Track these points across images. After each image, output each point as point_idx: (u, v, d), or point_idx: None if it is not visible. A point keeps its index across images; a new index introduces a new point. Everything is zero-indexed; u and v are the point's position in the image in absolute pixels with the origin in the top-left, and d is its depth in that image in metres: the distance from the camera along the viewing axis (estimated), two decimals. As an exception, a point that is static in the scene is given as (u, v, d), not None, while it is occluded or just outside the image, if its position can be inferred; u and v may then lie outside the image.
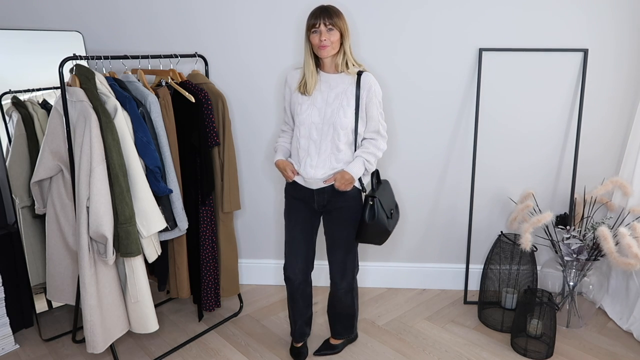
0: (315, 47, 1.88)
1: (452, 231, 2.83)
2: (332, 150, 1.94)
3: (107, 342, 2.04)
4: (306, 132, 1.95)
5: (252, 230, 2.93)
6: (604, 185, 2.45)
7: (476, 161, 2.66)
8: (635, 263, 2.15)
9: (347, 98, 1.91)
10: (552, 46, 2.49)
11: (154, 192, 2.02)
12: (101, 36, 2.63)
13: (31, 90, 2.38)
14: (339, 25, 1.85)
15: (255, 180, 2.83)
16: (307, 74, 1.93)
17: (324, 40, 1.84)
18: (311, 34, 1.87)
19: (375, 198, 1.94)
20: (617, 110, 2.58)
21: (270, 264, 2.97)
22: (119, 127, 1.90)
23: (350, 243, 2.05)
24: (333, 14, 1.84)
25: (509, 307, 2.58)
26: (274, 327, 2.54)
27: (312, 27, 1.86)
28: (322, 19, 1.83)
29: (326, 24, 1.83)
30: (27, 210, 2.36)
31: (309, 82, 1.93)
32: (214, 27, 2.60)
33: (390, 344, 2.38)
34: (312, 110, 1.94)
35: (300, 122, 1.95)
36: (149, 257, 2.07)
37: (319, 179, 1.95)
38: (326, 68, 1.95)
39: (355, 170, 1.93)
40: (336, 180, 1.93)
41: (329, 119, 1.92)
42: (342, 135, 1.92)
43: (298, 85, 1.97)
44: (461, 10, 2.48)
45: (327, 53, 1.87)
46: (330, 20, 1.83)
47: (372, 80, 1.93)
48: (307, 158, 1.96)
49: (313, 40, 1.87)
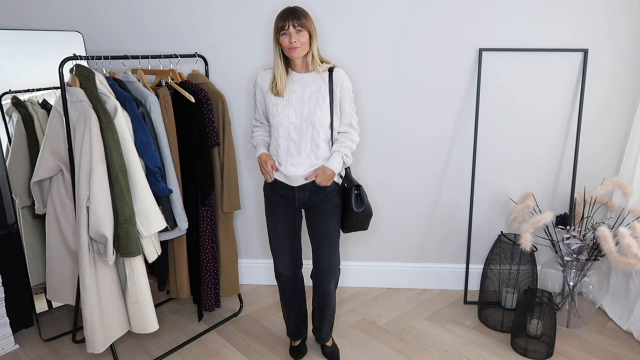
0: (286, 49, 1.88)
1: (452, 231, 2.83)
2: (312, 147, 1.97)
3: (107, 342, 2.04)
4: (285, 132, 1.97)
5: (252, 230, 2.93)
6: (604, 185, 2.45)
7: (476, 161, 2.66)
8: (635, 263, 2.15)
9: (322, 96, 1.94)
10: (552, 46, 2.49)
11: (154, 192, 2.02)
12: (101, 36, 2.63)
13: (31, 90, 2.38)
14: (307, 26, 1.86)
15: (255, 180, 2.83)
16: (277, 76, 1.94)
17: (294, 42, 1.85)
18: (280, 36, 1.87)
19: (361, 187, 2.03)
20: (617, 110, 2.58)
21: (270, 264, 2.95)
22: (119, 127, 1.90)
23: (337, 236, 2.09)
24: (301, 15, 1.85)
25: (509, 307, 2.58)
26: (274, 327, 2.54)
27: (281, 29, 1.86)
28: (290, 20, 1.84)
29: (295, 26, 1.84)
30: (27, 210, 2.36)
31: (280, 84, 1.94)
32: (214, 27, 2.60)
33: (390, 344, 2.39)
34: (288, 110, 1.95)
35: (278, 123, 1.96)
36: (149, 257, 2.07)
37: (300, 176, 1.99)
38: (297, 68, 1.96)
39: (336, 166, 1.99)
40: (317, 177, 1.97)
41: (307, 117, 1.94)
42: (321, 133, 1.96)
43: (270, 87, 1.98)
44: (461, 10, 2.48)
45: (298, 54, 1.88)
46: (299, 21, 1.84)
47: (344, 75, 1.98)
48: (288, 157, 1.98)
49: (283, 43, 1.88)
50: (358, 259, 2.92)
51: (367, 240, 2.85)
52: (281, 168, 2.00)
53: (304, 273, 2.23)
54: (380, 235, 2.86)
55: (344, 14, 2.52)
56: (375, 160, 2.72)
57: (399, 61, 2.58)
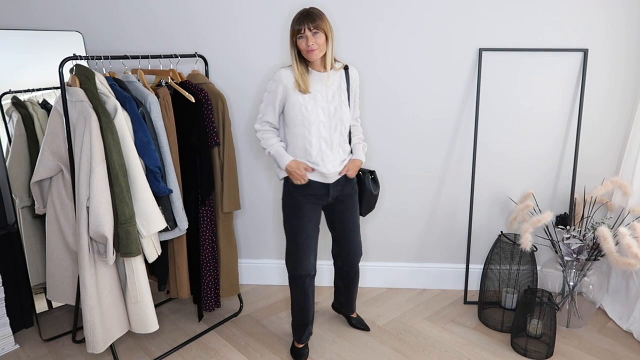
0: (304, 52, 1.90)
1: (452, 231, 2.83)
2: (340, 143, 2.05)
3: (107, 342, 2.04)
4: (317, 131, 1.98)
5: (252, 230, 2.93)
6: (604, 185, 2.45)
7: (476, 161, 2.66)
8: (635, 263, 2.15)
9: (343, 93, 2.03)
10: (552, 46, 2.49)
11: (154, 192, 2.02)
12: (101, 36, 2.63)
13: (31, 90, 2.38)
14: (323, 28, 1.87)
15: (255, 180, 2.83)
16: (297, 76, 1.94)
17: (311, 44, 1.87)
18: (297, 39, 1.89)
19: (374, 171, 2.24)
20: (617, 110, 2.58)
21: (270, 264, 2.97)
22: (119, 127, 1.91)
23: (359, 221, 2.25)
24: (317, 18, 1.86)
25: (509, 307, 2.58)
26: (274, 327, 2.54)
27: (297, 32, 1.88)
28: (306, 24, 1.85)
29: (311, 29, 1.85)
30: (27, 210, 2.36)
31: (303, 83, 1.94)
32: (214, 27, 2.60)
33: (390, 344, 2.39)
34: (317, 109, 1.97)
35: (310, 122, 1.97)
36: (149, 257, 2.07)
37: (336, 172, 2.05)
38: (316, 67, 1.98)
39: (363, 156, 2.13)
40: (349, 169, 2.08)
41: (334, 115, 2.00)
42: (345, 129, 2.06)
43: (294, 85, 1.95)
44: (461, 10, 2.48)
45: (316, 56, 1.91)
46: (314, 24, 1.85)
47: (357, 73, 2.11)
48: (323, 156, 2.01)
49: (300, 46, 1.90)
50: (358, 259, 2.92)
51: (367, 240, 2.85)
52: (319, 168, 2.00)
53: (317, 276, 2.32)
54: (380, 235, 2.86)
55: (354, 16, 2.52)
56: (376, 160, 2.72)
57: (399, 61, 2.58)
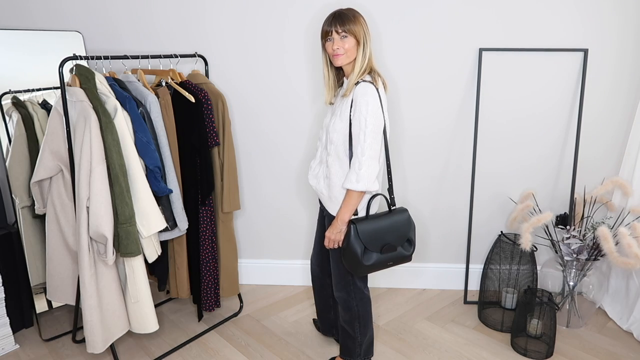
0: (330, 56, 1.78)
1: (452, 231, 2.83)
2: (322, 158, 1.87)
3: (107, 342, 2.04)
4: None
5: (252, 230, 2.93)
6: (604, 185, 2.45)
7: (476, 161, 2.66)
8: (635, 263, 2.15)
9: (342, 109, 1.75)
10: (552, 46, 2.49)
11: (154, 192, 2.02)
12: (101, 36, 2.63)
13: (31, 90, 2.38)
14: (354, 32, 1.70)
15: (255, 180, 2.83)
16: (325, 84, 1.86)
17: (337, 48, 1.72)
18: (326, 42, 1.76)
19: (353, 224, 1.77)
20: (617, 110, 2.58)
21: (270, 264, 2.97)
22: (119, 127, 1.91)
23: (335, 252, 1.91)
24: (347, 20, 1.70)
25: (509, 307, 2.58)
26: (274, 327, 2.54)
27: (325, 34, 1.75)
28: (334, 26, 1.71)
29: (339, 31, 1.70)
30: (27, 210, 2.36)
31: (326, 91, 1.85)
32: (214, 27, 2.60)
33: (390, 344, 2.38)
34: None
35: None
36: (149, 257, 2.07)
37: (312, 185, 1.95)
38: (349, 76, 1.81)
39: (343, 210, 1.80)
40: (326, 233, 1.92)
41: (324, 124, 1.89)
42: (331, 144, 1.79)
43: None
44: (461, 10, 2.48)
45: (342, 62, 1.74)
46: (344, 27, 1.69)
47: (361, 92, 1.70)
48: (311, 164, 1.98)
49: (327, 49, 1.77)
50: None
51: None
52: None
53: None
54: (380, 235, 2.86)
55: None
56: (375, 160, 2.72)
57: (399, 61, 2.57)
